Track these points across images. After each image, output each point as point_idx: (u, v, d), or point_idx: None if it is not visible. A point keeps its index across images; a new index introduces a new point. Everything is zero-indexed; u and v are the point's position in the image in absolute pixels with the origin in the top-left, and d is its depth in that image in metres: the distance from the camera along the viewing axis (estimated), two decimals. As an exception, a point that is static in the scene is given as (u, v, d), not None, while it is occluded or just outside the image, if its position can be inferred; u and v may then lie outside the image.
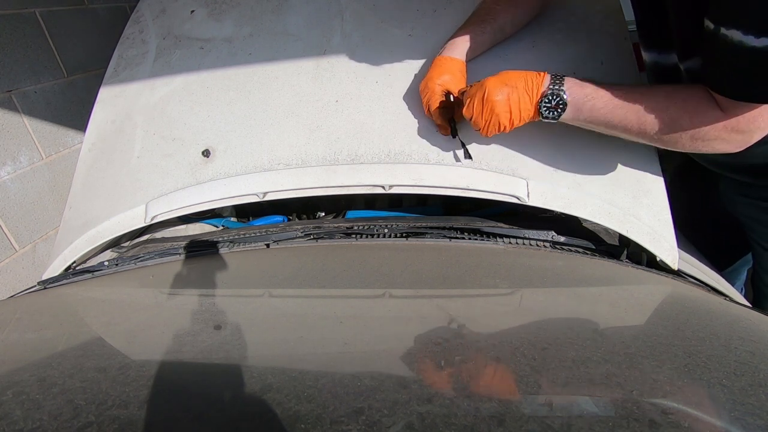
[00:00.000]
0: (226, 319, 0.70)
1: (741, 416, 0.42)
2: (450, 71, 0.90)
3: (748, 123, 0.69)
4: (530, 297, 0.73)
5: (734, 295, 0.89)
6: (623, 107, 0.75)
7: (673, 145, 0.76)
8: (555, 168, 0.88)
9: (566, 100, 0.77)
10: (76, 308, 0.86)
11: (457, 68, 0.91)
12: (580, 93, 0.77)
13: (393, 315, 0.67)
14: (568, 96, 0.77)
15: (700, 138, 0.73)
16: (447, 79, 0.90)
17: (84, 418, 0.44)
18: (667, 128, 0.74)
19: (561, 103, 0.77)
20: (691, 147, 0.75)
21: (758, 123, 0.69)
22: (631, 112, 0.75)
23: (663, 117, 0.74)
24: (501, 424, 0.40)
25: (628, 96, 0.75)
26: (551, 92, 0.77)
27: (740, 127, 0.70)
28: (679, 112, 0.73)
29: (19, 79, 1.76)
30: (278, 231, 1.00)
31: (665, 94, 0.75)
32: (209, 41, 1.17)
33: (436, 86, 0.89)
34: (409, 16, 1.07)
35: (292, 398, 0.44)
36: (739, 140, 0.72)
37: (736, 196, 1.02)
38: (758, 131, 0.71)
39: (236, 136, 1.04)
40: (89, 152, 1.16)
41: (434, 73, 0.91)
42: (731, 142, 0.72)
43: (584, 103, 0.77)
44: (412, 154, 0.94)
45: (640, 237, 0.83)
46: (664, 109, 0.74)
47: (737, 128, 0.70)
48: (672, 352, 0.53)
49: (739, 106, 0.68)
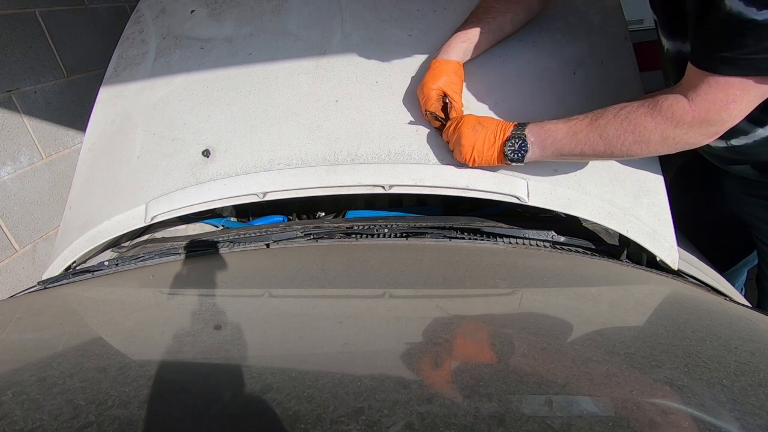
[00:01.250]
0: (226, 319, 0.70)
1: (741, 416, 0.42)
2: (445, 73, 0.91)
3: (719, 111, 0.70)
4: (530, 297, 0.73)
5: (734, 295, 0.89)
6: (584, 131, 0.79)
7: (645, 150, 0.77)
8: (555, 168, 0.88)
9: (528, 140, 0.82)
10: (76, 308, 0.86)
11: (452, 70, 0.92)
12: (540, 131, 0.82)
13: (393, 315, 0.67)
14: (529, 136, 0.82)
15: (670, 135, 0.74)
16: (442, 82, 0.90)
17: (84, 418, 0.44)
18: (633, 135, 0.76)
19: (524, 145, 0.82)
20: (663, 148, 0.76)
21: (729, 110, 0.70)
22: (593, 133, 0.78)
23: (625, 126, 0.76)
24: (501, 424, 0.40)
25: (586, 120, 0.79)
26: (513, 135, 0.83)
27: (710, 117, 0.71)
28: (641, 117, 0.75)
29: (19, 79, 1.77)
30: (278, 231, 1.00)
31: (620, 106, 0.77)
32: (209, 41, 1.17)
33: (431, 91, 0.90)
34: (409, 16, 1.07)
35: (292, 398, 0.44)
36: (710, 131, 0.73)
37: (743, 195, 1.02)
38: (729, 120, 0.71)
39: (236, 136, 1.04)
40: (89, 152, 1.16)
41: (429, 77, 0.92)
42: (702, 133, 0.73)
43: (546, 138, 0.81)
44: (412, 154, 0.94)
45: (640, 237, 0.83)
46: (625, 118, 0.76)
47: (707, 119, 0.71)
48: (672, 352, 0.53)
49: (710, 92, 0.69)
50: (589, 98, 0.91)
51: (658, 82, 1.03)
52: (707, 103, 0.70)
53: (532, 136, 0.82)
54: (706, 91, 0.69)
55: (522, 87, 0.96)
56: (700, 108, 0.70)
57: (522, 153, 0.82)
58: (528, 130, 0.83)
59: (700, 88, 0.70)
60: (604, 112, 0.78)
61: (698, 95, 0.70)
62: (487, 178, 0.89)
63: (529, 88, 0.95)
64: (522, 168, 0.89)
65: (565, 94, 0.93)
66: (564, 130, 0.80)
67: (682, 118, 0.72)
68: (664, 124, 0.73)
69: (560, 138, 0.80)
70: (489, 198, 0.89)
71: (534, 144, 0.82)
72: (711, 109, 0.70)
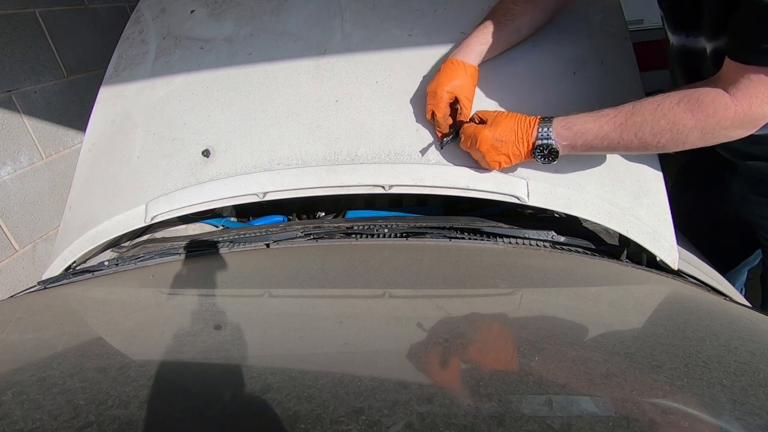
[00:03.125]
0: (226, 319, 0.70)
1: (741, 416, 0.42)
2: (460, 76, 0.88)
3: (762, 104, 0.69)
4: (530, 297, 0.73)
5: (734, 295, 0.89)
6: (617, 130, 0.77)
7: (681, 146, 0.76)
8: (555, 168, 0.88)
9: (556, 147, 0.80)
10: (76, 308, 0.86)
11: (468, 73, 0.89)
12: (568, 134, 0.79)
13: (393, 315, 0.67)
14: (557, 142, 0.80)
15: (710, 131, 0.73)
16: (457, 84, 0.88)
17: (84, 418, 0.44)
18: (670, 133, 0.74)
19: (553, 151, 0.80)
20: (701, 142, 0.75)
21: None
22: (627, 132, 0.76)
23: (663, 125, 0.74)
24: (501, 424, 0.40)
25: (619, 117, 0.77)
26: (540, 143, 0.80)
27: (753, 111, 0.69)
28: (680, 114, 0.73)
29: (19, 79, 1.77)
30: (278, 231, 1.00)
31: (657, 102, 0.75)
32: (209, 41, 1.17)
33: (444, 93, 0.87)
34: (409, 16, 1.07)
35: (292, 398, 0.44)
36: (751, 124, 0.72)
37: (750, 194, 1.02)
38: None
39: (236, 136, 1.04)
40: (89, 152, 1.16)
41: (443, 77, 0.89)
42: (743, 126, 0.72)
43: (576, 141, 0.79)
44: (412, 154, 0.94)
45: (640, 237, 0.83)
46: (663, 116, 0.74)
47: (749, 113, 0.70)
48: (672, 352, 0.53)
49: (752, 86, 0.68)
50: (589, 98, 0.91)
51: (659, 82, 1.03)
52: (750, 98, 0.69)
53: (561, 139, 0.80)
54: (747, 85, 0.68)
55: (522, 87, 0.96)
56: (743, 103, 0.69)
57: (553, 157, 0.81)
58: (555, 133, 0.80)
59: (740, 83, 0.69)
60: (640, 108, 0.76)
61: (739, 90, 0.69)
62: (487, 179, 0.89)
63: (529, 88, 0.95)
64: (522, 168, 0.89)
65: (565, 94, 0.93)
66: (595, 130, 0.78)
67: (725, 114, 0.70)
68: (705, 121, 0.72)
69: (591, 139, 0.78)
70: (489, 198, 0.89)
71: (564, 147, 0.81)
72: (754, 102, 0.69)
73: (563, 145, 0.80)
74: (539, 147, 0.81)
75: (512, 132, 0.82)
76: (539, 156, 0.81)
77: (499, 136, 0.82)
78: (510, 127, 0.82)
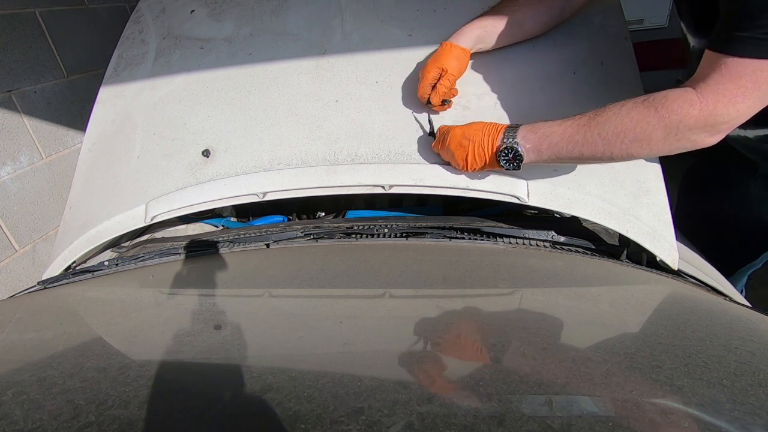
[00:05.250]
0: (226, 319, 0.70)
1: (741, 416, 0.42)
2: (447, 57, 0.91)
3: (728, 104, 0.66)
4: (530, 297, 0.73)
5: (734, 295, 0.89)
6: (581, 131, 0.76)
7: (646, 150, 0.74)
8: (555, 168, 0.88)
9: (521, 151, 0.80)
10: (76, 308, 0.86)
11: (455, 55, 0.91)
12: (534, 137, 0.79)
13: (393, 315, 0.67)
14: (522, 145, 0.80)
15: (673, 130, 0.70)
16: (447, 64, 0.90)
17: (84, 418, 0.44)
18: (633, 133, 0.72)
19: (517, 155, 0.80)
20: (665, 146, 0.73)
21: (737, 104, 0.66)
22: (591, 132, 0.75)
23: (626, 122, 0.72)
24: (501, 424, 0.40)
25: (583, 119, 0.76)
26: (505, 146, 0.80)
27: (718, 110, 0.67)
28: (643, 112, 0.71)
29: (19, 79, 1.76)
30: (278, 231, 1.00)
31: (621, 104, 0.74)
32: (209, 41, 1.17)
33: (429, 71, 0.91)
34: (409, 16, 1.07)
35: (292, 398, 0.44)
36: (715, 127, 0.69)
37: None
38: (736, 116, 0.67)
39: (236, 136, 1.04)
40: (89, 152, 1.16)
41: (431, 58, 0.92)
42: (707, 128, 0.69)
43: (541, 144, 0.79)
44: (412, 154, 0.94)
45: (640, 237, 0.83)
46: (626, 114, 0.72)
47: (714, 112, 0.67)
48: (672, 352, 0.53)
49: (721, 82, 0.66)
50: (589, 98, 0.91)
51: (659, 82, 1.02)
52: (716, 95, 0.67)
53: (526, 142, 0.80)
54: (716, 80, 0.66)
55: (522, 87, 0.96)
56: (708, 100, 0.67)
57: (517, 162, 0.81)
58: (521, 137, 0.80)
59: (710, 78, 0.67)
60: (604, 110, 0.75)
61: (708, 86, 0.67)
62: (487, 179, 0.89)
63: (529, 88, 0.95)
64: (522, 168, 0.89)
65: (565, 94, 0.93)
66: (560, 132, 0.77)
67: (689, 111, 0.68)
68: (668, 118, 0.69)
69: (556, 141, 0.78)
70: (489, 198, 0.89)
71: (529, 150, 0.80)
72: (719, 101, 0.67)
73: (527, 148, 0.80)
74: (504, 150, 0.80)
75: (479, 131, 0.83)
76: (503, 159, 0.81)
77: (467, 134, 0.84)
78: (479, 127, 0.84)
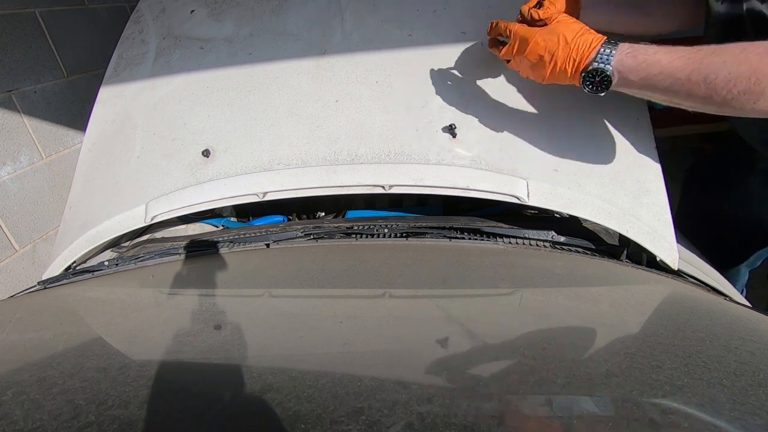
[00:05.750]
0: (226, 319, 0.70)
1: (741, 416, 0.42)
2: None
3: None
4: (530, 297, 0.73)
5: (734, 295, 0.89)
6: (686, 69, 0.67)
7: (752, 102, 0.65)
8: (555, 168, 0.88)
9: (611, 77, 0.71)
10: (76, 308, 0.86)
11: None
12: (632, 63, 0.70)
13: (393, 315, 0.67)
14: (616, 69, 0.70)
15: None
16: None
17: (84, 418, 0.44)
18: (747, 82, 0.63)
19: (605, 80, 0.71)
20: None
21: None
22: (698, 73, 0.66)
23: (742, 70, 0.64)
24: (501, 424, 0.40)
25: (695, 57, 0.67)
26: (594, 68, 0.71)
27: None
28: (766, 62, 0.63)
29: (19, 79, 1.76)
30: (278, 231, 1.00)
31: (741, 48, 0.65)
32: (209, 41, 1.17)
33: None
34: (409, 16, 1.07)
35: (292, 398, 0.44)
36: None
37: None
38: None
39: (236, 136, 1.04)
40: (89, 152, 1.16)
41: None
42: None
43: (637, 73, 0.70)
44: (412, 154, 0.94)
45: (640, 237, 0.83)
46: (744, 61, 0.64)
47: None
48: (672, 352, 0.53)
49: None
50: (589, 98, 0.90)
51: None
52: None
53: (618, 67, 0.70)
54: None
55: (522, 87, 0.96)
56: None
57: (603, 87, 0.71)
58: (617, 60, 0.70)
59: None
60: (722, 50, 0.66)
61: None
62: (487, 178, 0.89)
63: (528, 87, 0.95)
64: (522, 168, 0.89)
65: (565, 94, 0.93)
66: (664, 63, 0.68)
67: None
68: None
69: (655, 74, 0.69)
70: (489, 198, 0.89)
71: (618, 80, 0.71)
72: None
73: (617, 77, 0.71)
74: (591, 72, 0.71)
75: (566, 44, 0.73)
76: (588, 82, 0.72)
77: (550, 46, 0.73)
78: (568, 35, 0.73)
